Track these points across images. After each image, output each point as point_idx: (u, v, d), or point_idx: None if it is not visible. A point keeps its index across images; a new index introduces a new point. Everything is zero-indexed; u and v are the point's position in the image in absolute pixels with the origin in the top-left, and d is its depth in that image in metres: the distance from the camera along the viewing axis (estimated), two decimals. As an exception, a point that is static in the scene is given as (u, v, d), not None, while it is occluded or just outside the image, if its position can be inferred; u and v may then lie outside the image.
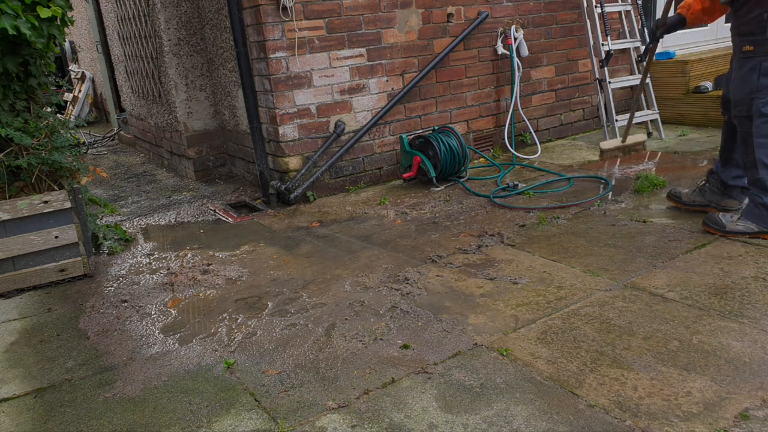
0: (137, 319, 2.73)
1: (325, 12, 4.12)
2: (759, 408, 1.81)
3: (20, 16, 2.92)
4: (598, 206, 3.65)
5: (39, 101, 3.32)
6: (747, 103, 2.81)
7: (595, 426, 1.79)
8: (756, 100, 2.77)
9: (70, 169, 3.28)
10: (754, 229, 2.99)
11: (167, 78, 5.06)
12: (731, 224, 3.03)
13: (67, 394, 2.19)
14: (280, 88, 4.07)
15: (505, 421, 1.84)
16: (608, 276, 2.75)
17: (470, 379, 2.07)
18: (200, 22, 5.00)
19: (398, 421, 1.88)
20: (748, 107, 2.82)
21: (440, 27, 4.64)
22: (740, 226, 3.01)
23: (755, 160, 2.89)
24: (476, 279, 2.84)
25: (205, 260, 3.36)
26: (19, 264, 3.10)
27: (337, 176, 4.45)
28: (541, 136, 5.38)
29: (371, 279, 2.93)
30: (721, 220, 3.06)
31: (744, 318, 2.30)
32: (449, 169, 4.36)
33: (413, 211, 3.91)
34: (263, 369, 2.24)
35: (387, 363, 2.21)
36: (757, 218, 2.98)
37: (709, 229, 3.11)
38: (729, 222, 3.04)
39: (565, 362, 2.12)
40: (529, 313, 2.48)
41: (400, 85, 4.54)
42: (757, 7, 2.70)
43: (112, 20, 6.44)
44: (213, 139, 5.24)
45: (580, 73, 5.51)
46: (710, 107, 5.31)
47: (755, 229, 2.99)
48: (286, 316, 2.63)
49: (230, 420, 1.96)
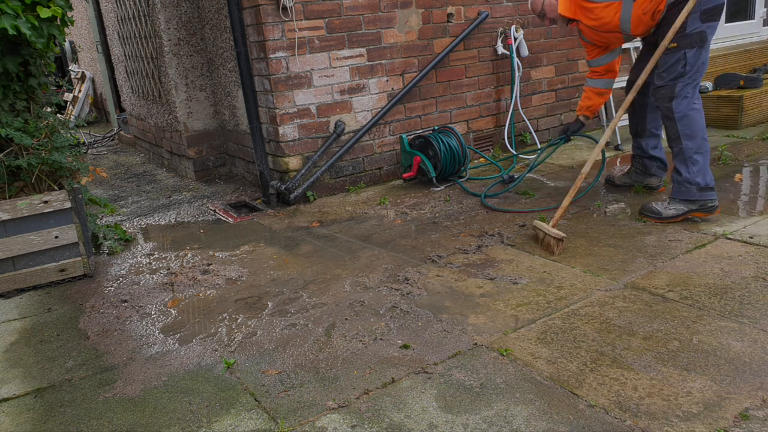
0: (137, 319, 2.73)
1: (325, 12, 4.12)
2: (759, 408, 1.81)
3: (20, 16, 2.92)
4: (598, 207, 3.65)
5: (39, 101, 3.32)
6: (671, 87, 3.21)
7: (595, 426, 1.79)
8: (678, 83, 3.19)
9: (70, 169, 3.28)
10: (684, 209, 3.26)
11: (167, 78, 5.06)
12: (665, 210, 3.29)
13: (67, 394, 2.19)
14: (280, 88, 4.07)
15: (505, 421, 1.84)
16: (608, 276, 2.76)
17: (470, 379, 2.07)
18: (200, 22, 5.00)
19: (398, 421, 1.88)
20: (671, 90, 3.22)
21: (440, 27, 4.64)
22: (672, 210, 3.28)
23: (678, 133, 3.23)
24: (476, 279, 2.84)
25: (205, 260, 3.36)
26: (19, 264, 3.10)
27: (337, 176, 4.45)
28: (541, 136, 5.38)
29: (371, 279, 2.93)
30: (657, 207, 3.32)
31: (744, 318, 2.30)
32: (449, 169, 4.36)
33: (413, 211, 3.91)
34: (263, 369, 2.24)
35: (387, 363, 2.21)
36: (684, 195, 3.25)
37: (646, 218, 3.35)
38: (663, 209, 3.30)
39: (565, 362, 2.12)
40: (529, 313, 2.48)
41: (400, 85, 4.54)
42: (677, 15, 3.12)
43: (112, 20, 6.44)
44: (213, 139, 5.24)
45: (580, 73, 5.51)
46: (710, 107, 5.31)
47: (685, 209, 3.26)
48: (286, 316, 2.63)
49: (230, 420, 1.96)
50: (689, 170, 3.21)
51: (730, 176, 3.98)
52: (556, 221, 3.15)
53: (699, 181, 3.20)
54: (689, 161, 3.21)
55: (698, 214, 3.26)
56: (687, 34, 3.12)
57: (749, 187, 3.80)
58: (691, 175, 3.20)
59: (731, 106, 5.19)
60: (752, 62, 6.04)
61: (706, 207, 3.23)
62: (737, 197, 3.60)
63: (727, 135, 5.04)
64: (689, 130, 3.21)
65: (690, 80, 3.17)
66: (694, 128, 3.20)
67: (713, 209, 3.23)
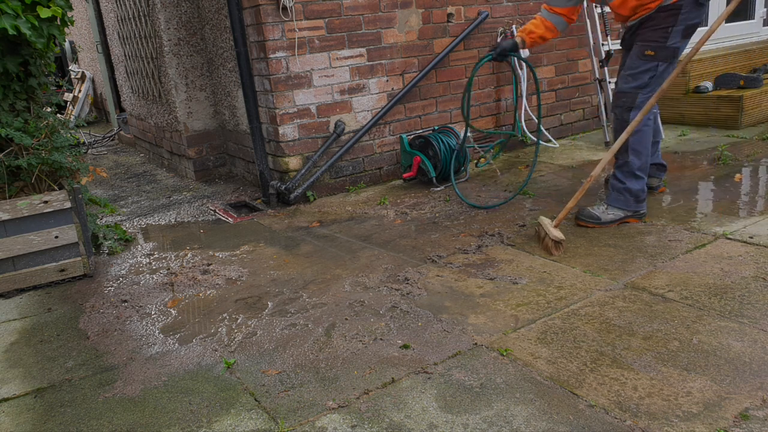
0: (137, 319, 2.73)
1: (325, 12, 4.12)
2: (759, 408, 1.81)
3: (20, 16, 2.92)
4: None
5: (39, 101, 3.32)
6: (632, 96, 3.23)
7: (595, 426, 1.79)
8: (639, 94, 3.20)
9: (70, 169, 3.28)
10: (621, 215, 3.33)
11: (167, 78, 5.06)
12: (604, 215, 3.33)
13: (67, 394, 2.19)
14: (280, 88, 4.07)
15: (505, 421, 1.84)
16: (608, 276, 2.76)
17: (470, 379, 2.07)
18: (200, 22, 5.00)
19: (398, 421, 1.88)
20: (632, 99, 3.23)
21: (440, 27, 4.64)
22: (610, 215, 3.33)
23: (627, 147, 3.26)
24: (476, 279, 2.84)
25: (205, 260, 3.36)
26: (19, 264, 3.10)
27: (337, 176, 4.45)
28: (541, 135, 5.37)
29: (371, 279, 2.93)
30: (594, 212, 3.35)
31: (744, 318, 2.30)
32: (449, 168, 4.36)
33: (413, 211, 3.91)
34: (263, 369, 2.24)
35: (387, 363, 2.21)
36: (622, 203, 3.32)
37: (583, 223, 3.36)
38: (602, 213, 3.34)
39: (565, 362, 2.12)
40: (529, 313, 2.48)
41: (400, 85, 4.54)
42: (663, 21, 3.10)
43: (112, 20, 6.44)
44: (213, 139, 5.24)
45: (580, 73, 5.51)
46: (710, 107, 5.32)
47: (622, 215, 3.33)
48: (286, 316, 2.63)
49: (230, 420, 1.96)
50: (632, 183, 3.30)
51: (730, 176, 3.98)
52: (559, 222, 3.15)
53: (639, 193, 3.31)
54: (632, 176, 3.31)
55: (632, 220, 3.36)
56: (667, 47, 3.12)
57: (749, 187, 3.80)
58: (633, 188, 3.30)
59: (731, 106, 5.19)
60: (752, 62, 6.04)
61: (638, 214, 3.36)
62: (737, 197, 3.60)
63: (727, 135, 5.04)
64: (639, 147, 3.28)
65: (650, 92, 3.20)
66: (643, 145, 3.29)
67: (643, 215, 3.37)
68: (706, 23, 6.46)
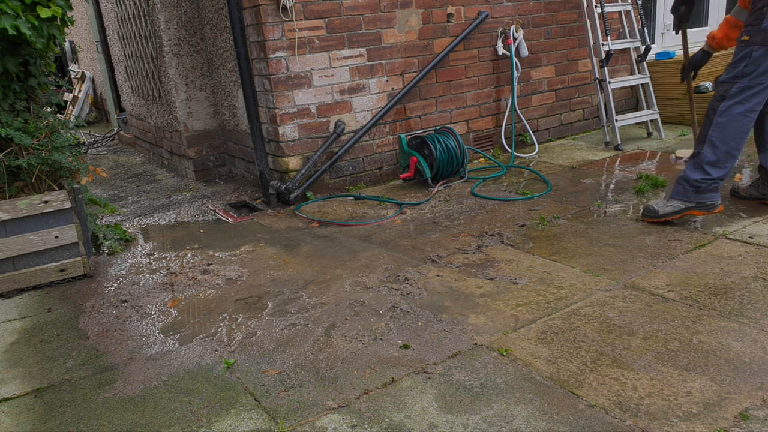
0: (137, 319, 2.73)
1: (325, 12, 4.12)
2: (759, 408, 1.81)
3: (20, 16, 2.92)
4: (598, 207, 3.65)
5: (39, 101, 3.32)
6: (728, 86, 3.04)
7: (595, 426, 1.79)
8: (736, 84, 3.00)
9: (70, 169, 3.28)
10: (681, 206, 3.19)
11: (167, 78, 5.06)
12: (662, 208, 3.22)
13: (67, 394, 2.19)
14: (280, 88, 4.07)
15: (505, 421, 1.84)
16: (608, 276, 2.76)
17: (470, 379, 2.07)
18: (200, 22, 5.00)
19: (398, 421, 1.88)
20: (727, 89, 3.04)
21: (440, 27, 4.64)
22: (669, 208, 3.21)
23: (706, 136, 3.09)
24: (476, 279, 2.84)
25: (205, 260, 3.36)
26: (19, 264, 3.10)
27: (337, 176, 4.45)
28: (541, 136, 5.38)
29: (371, 279, 2.93)
30: (654, 207, 3.26)
31: (744, 318, 2.30)
32: (447, 169, 4.36)
33: (413, 211, 3.91)
34: (263, 369, 2.24)
35: (387, 363, 2.21)
36: (681, 194, 3.18)
37: (647, 219, 3.29)
38: (660, 207, 3.23)
39: (565, 362, 2.12)
40: (529, 313, 2.48)
41: (400, 85, 4.54)
42: (760, 2, 2.91)
43: (112, 20, 6.44)
44: (213, 139, 5.24)
45: (580, 73, 5.51)
46: (710, 107, 5.31)
47: (682, 207, 3.18)
48: (286, 316, 2.63)
49: (230, 420, 1.96)
50: (693, 173, 3.13)
51: (730, 176, 3.98)
52: None
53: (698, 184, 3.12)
54: (698, 168, 3.11)
55: (695, 212, 3.19)
56: (762, 29, 2.87)
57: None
58: (692, 177, 3.13)
59: (731, 106, 5.18)
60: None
61: (704, 206, 3.17)
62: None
63: (727, 135, 5.03)
64: (717, 141, 3.05)
65: (751, 84, 2.94)
66: (723, 140, 3.04)
67: (712, 207, 3.17)
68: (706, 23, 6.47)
